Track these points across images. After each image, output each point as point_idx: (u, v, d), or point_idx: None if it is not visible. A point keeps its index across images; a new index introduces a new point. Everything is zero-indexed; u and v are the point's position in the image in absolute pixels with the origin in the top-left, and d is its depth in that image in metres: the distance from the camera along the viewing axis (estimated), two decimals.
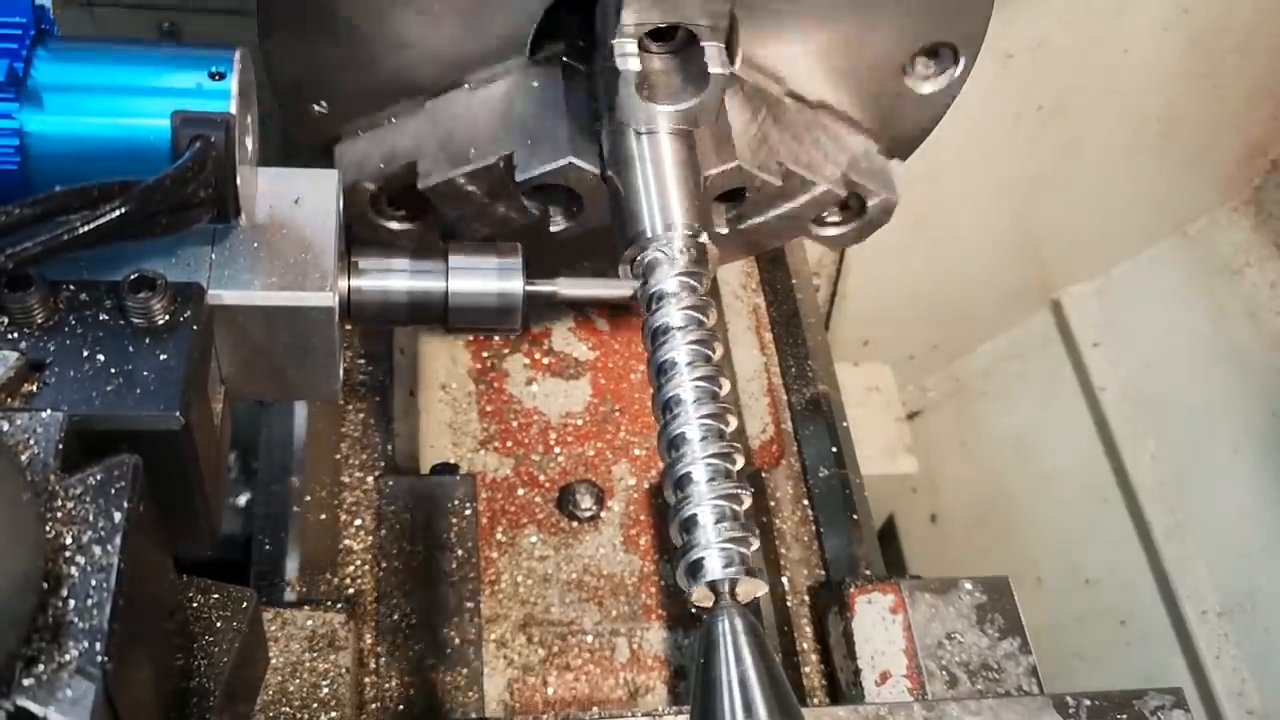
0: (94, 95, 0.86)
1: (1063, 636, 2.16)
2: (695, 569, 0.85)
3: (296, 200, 0.94)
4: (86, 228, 0.77)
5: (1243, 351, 2.14)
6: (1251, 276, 2.18)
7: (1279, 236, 2.17)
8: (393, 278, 0.99)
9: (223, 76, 0.86)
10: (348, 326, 1.02)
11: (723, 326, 1.49)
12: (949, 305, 2.36)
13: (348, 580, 1.21)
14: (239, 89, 0.86)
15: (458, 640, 1.17)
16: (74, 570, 0.66)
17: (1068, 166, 2.13)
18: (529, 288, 1.01)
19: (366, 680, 1.14)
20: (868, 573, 1.25)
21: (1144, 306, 2.30)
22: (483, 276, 1.00)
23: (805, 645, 1.23)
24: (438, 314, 1.00)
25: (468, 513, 1.25)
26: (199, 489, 0.84)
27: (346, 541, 1.24)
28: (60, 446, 0.71)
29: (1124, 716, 1.06)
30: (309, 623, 1.07)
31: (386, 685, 1.14)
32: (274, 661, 1.05)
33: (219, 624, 0.86)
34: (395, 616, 1.18)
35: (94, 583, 0.66)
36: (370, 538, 1.24)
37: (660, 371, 0.92)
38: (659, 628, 1.26)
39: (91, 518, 0.68)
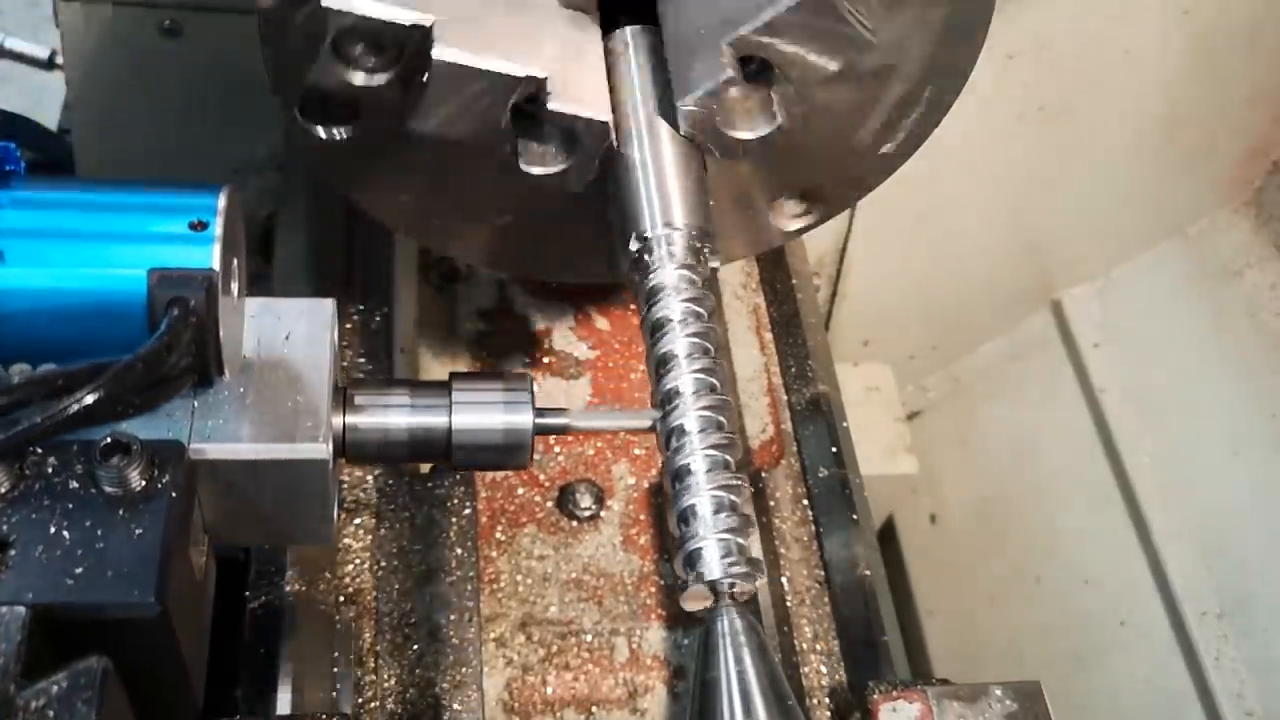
0: (62, 244, 0.78)
1: (1062, 637, 2.16)
2: (693, 559, 0.86)
3: (286, 336, 0.89)
4: (49, 422, 0.72)
5: (1243, 352, 2.14)
6: (1251, 278, 2.18)
7: (1279, 238, 2.17)
8: (392, 413, 0.94)
9: (204, 226, 0.79)
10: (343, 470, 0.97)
11: (723, 326, 1.49)
12: (949, 305, 2.36)
13: (347, 579, 1.21)
14: (223, 235, 0.79)
15: (456, 639, 1.17)
16: None
17: (1068, 167, 2.14)
18: (539, 420, 0.96)
19: (365, 679, 1.14)
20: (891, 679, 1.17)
21: (1144, 307, 2.30)
22: (488, 410, 0.95)
23: None
24: (441, 451, 0.95)
25: (467, 512, 1.25)
26: (180, 669, 0.78)
27: (346, 540, 1.24)
28: (22, 647, 0.65)
29: None
30: None
31: (385, 684, 1.14)
32: None
33: None
34: (394, 615, 1.18)
35: None
36: (370, 536, 1.24)
37: (659, 365, 0.92)
38: (658, 627, 1.26)
39: None
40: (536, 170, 1.03)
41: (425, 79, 0.94)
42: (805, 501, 1.36)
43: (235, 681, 1.08)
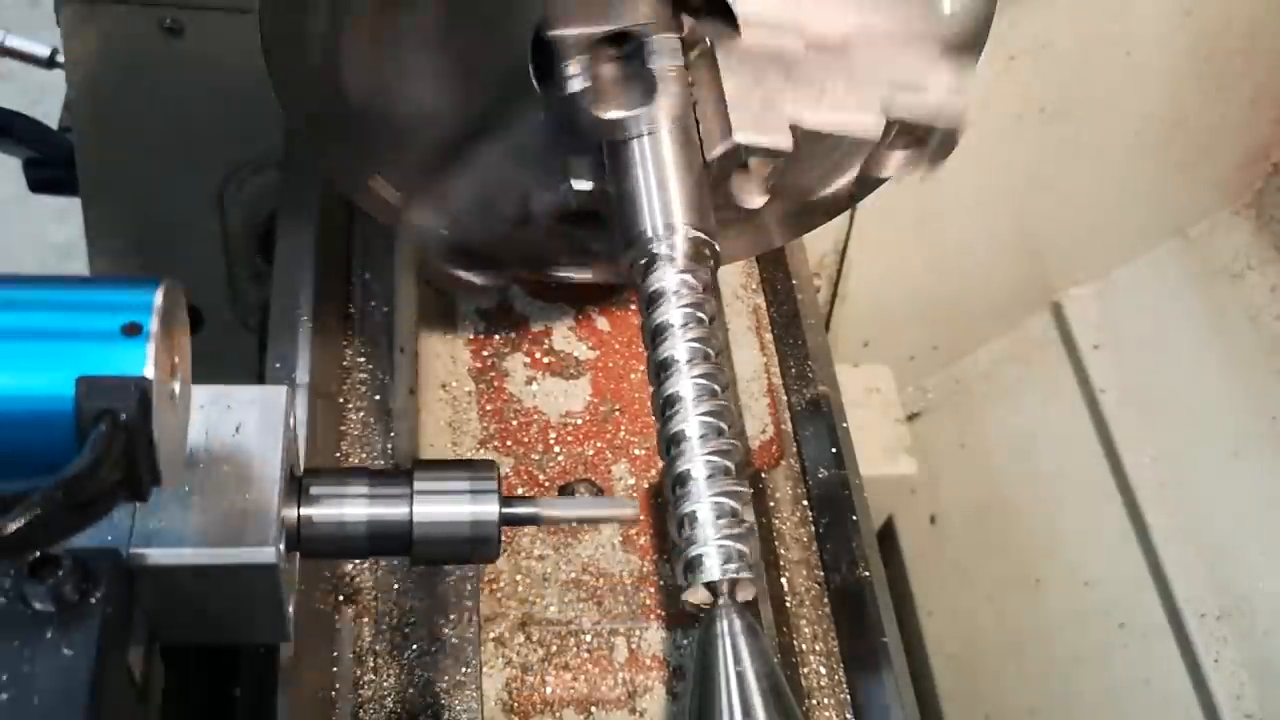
0: None
1: (1061, 638, 2.16)
2: (694, 566, 0.85)
3: (237, 428, 0.84)
4: None
5: (1243, 355, 2.14)
6: (1252, 280, 2.19)
7: (1279, 240, 2.17)
8: (349, 504, 0.89)
9: (138, 330, 0.71)
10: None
11: (723, 326, 1.49)
12: (949, 307, 2.36)
13: (346, 578, 1.21)
14: (158, 334, 0.72)
15: (456, 639, 1.17)
16: None
17: (1069, 168, 2.14)
18: (506, 510, 0.92)
19: (365, 679, 1.14)
20: None
21: (1144, 309, 2.30)
22: (452, 501, 0.91)
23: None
24: (402, 545, 0.91)
25: None
26: None
27: None
28: None
29: None
30: None
31: (384, 683, 1.14)
32: None
33: None
34: (394, 614, 1.18)
35: None
36: None
37: (659, 370, 0.92)
38: (657, 627, 1.26)
39: None
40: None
41: None
42: (805, 502, 1.36)
43: (235, 681, 1.08)
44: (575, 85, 1.01)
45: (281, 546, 0.82)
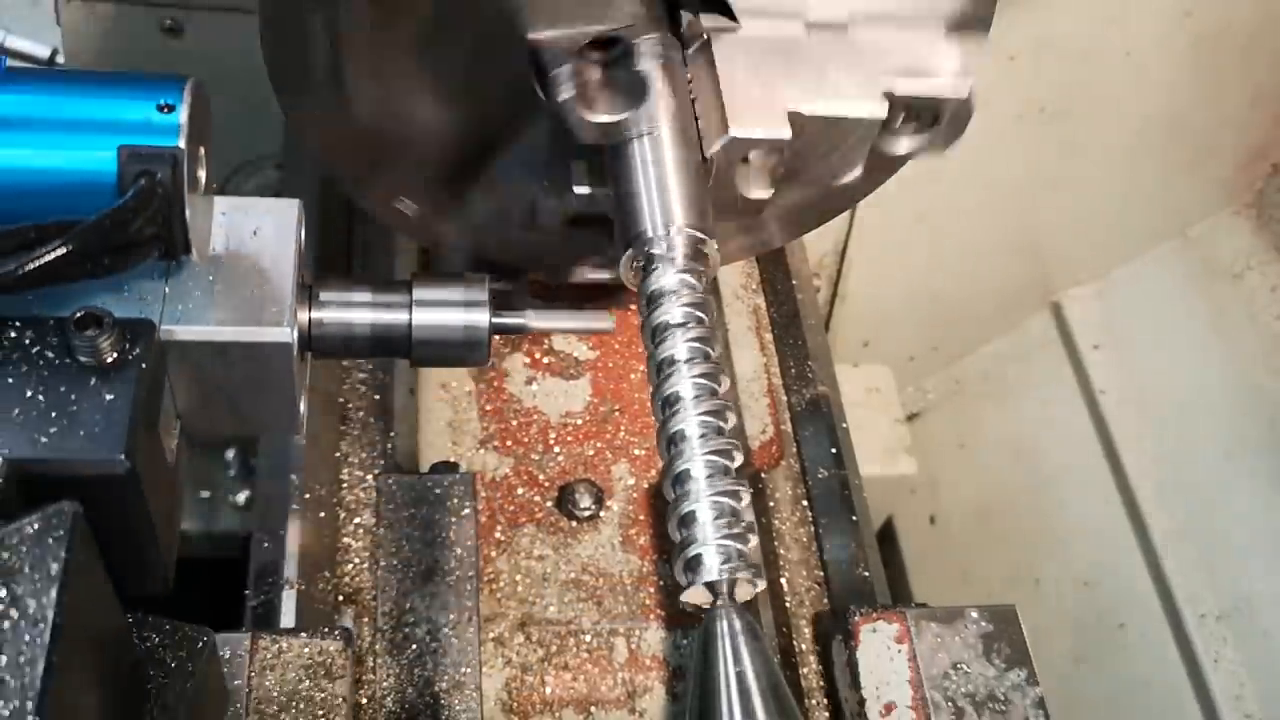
0: (35, 129, 0.82)
1: (1061, 639, 2.16)
2: (693, 565, 0.85)
3: (255, 231, 0.93)
4: (21, 271, 0.75)
5: (1243, 355, 2.14)
6: (1252, 280, 2.19)
7: (1279, 240, 2.17)
8: (354, 310, 0.98)
9: (171, 109, 0.84)
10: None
11: (723, 327, 1.49)
12: (949, 307, 2.36)
13: (346, 578, 1.21)
14: (189, 121, 0.84)
15: (455, 639, 1.17)
16: (6, 625, 0.65)
17: (1069, 168, 2.14)
18: (496, 320, 1.01)
19: (364, 678, 1.14)
20: (873, 595, 1.22)
21: (1144, 309, 2.30)
22: (448, 309, 1.00)
23: (809, 673, 1.22)
24: (402, 347, 1.00)
25: (466, 511, 1.25)
26: (149, 532, 0.81)
27: (345, 539, 1.24)
28: None
29: None
30: (306, 650, 1.06)
31: (384, 683, 1.14)
32: (270, 692, 1.04)
33: (173, 664, 0.84)
34: (393, 614, 1.18)
35: (27, 638, 0.64)
36: (369, 536, 1.24)
37: (660, 369, 0.92)
38: (657, 627, 1.26)
39: (27, 569, 0.66)
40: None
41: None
42: (805, 502, 1.36)
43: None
44: (565, 92, 1.02)
45: (295, 331, 0.89)
